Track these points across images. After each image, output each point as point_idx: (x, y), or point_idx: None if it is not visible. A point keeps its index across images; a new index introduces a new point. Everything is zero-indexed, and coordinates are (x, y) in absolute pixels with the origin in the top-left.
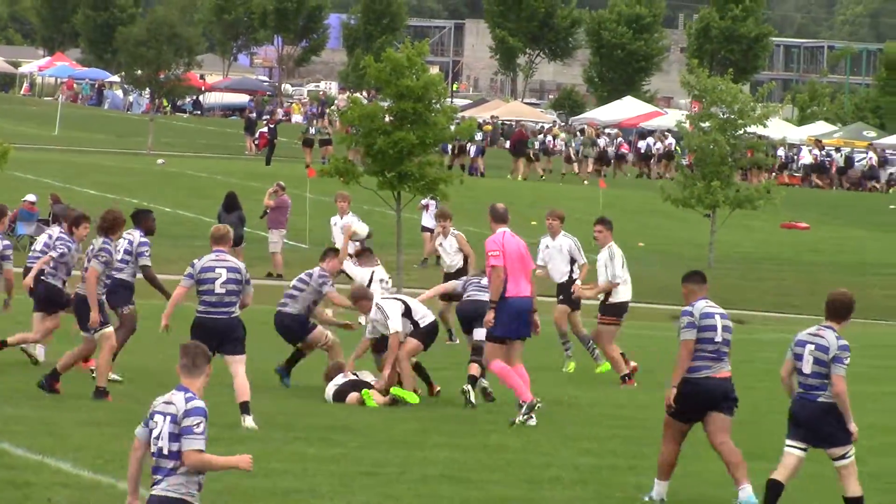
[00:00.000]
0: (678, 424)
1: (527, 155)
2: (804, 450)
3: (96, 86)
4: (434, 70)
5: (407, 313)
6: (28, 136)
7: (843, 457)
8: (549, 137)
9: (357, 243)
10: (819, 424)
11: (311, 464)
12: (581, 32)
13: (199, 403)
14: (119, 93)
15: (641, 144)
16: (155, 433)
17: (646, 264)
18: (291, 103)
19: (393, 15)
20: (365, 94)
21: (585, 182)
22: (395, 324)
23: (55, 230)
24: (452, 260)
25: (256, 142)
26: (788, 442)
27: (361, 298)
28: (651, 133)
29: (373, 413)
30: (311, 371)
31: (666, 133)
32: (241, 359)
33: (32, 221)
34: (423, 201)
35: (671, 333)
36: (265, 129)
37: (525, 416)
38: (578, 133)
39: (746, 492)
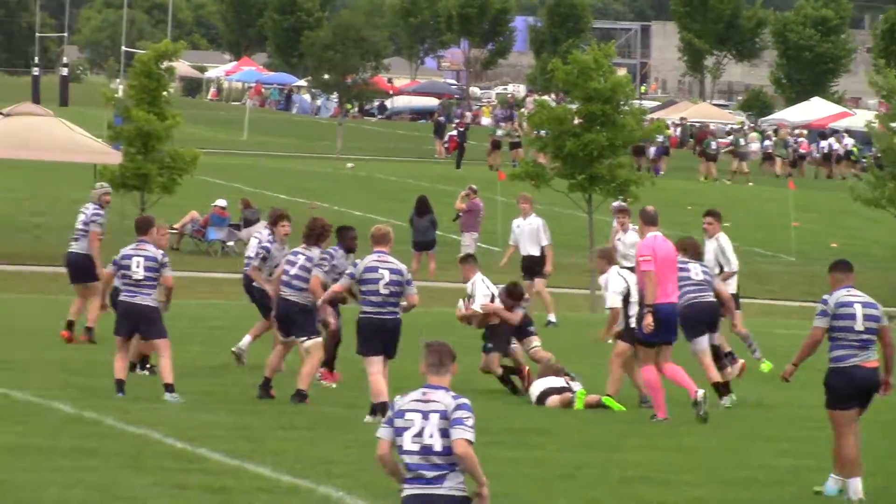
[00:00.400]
0: (842, 415)
1: (707, 155)
2: None
3: (285, 91)
4: (621, 72)
5: (624, 301)
6: (217, 141)
7: None
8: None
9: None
10: None
11: (509, 467)
12: (767, 33)
13: (467, 400)
14: (307, 97)
15: (823, 145)
16: (412, 431)
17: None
18: (480, 106)
19: (578, 17)
20: (553, 96)
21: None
22: (613, 299)
23: (264, 234)
24: (629, 252)
25: (446, 145)
26: None
27: (603, 258)
28: (834, 133)
29: (570, 416)
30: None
31: (843, 133)
32: (388, 362)
33: (223, 226)
34: (615, 204)
35: None
36: (454, 133)
37: (654, 421)
38: (773, 133)
39: (832, 484)
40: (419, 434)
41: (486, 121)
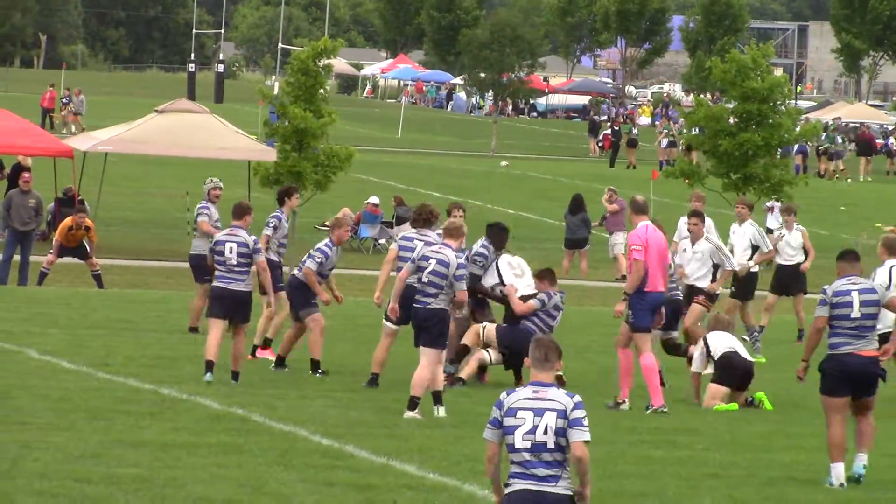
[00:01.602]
0: (831, 401)
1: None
2: None
3: (445, 88)
4: (778, 72)
5: None
6: (371, 139)
7: None
8: (892, 140)
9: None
10: None
11: (657, 466)
12: None
13: (580, 398)
14: (462, 95)
15: None
16: (523, 429)
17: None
18: (637, 105)
19: (734, 17)
20: (709, 95)
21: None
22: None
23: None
24: (791, 253)
25: (600, 144)
26: None
27: (885, 247)
28: None
29: (718, 416)
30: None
31: None
32: (431, 352)
33: (376, 224)
34: (768, 203)
35: None
36: (609, 132)
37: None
38: None
39: (861, 461)
40: (531, 432)
41: (645, 120)
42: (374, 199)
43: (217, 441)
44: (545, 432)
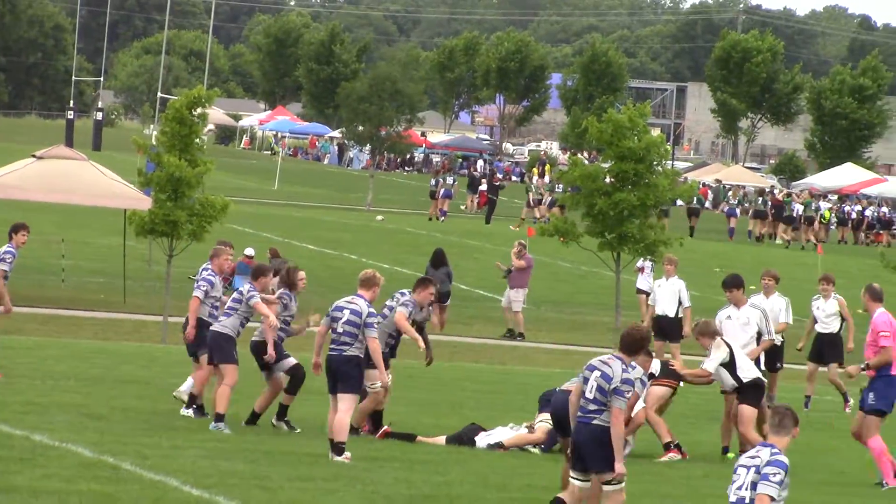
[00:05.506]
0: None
1: (784, 219)
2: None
3: (336, 143)
4: (655, 132)
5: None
6: (247, 190)
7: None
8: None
9: None
10: None
11: None
12: (802, 98)
13: (783, 458)
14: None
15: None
16: (736, 484)
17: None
18: (515, 163)
19: (613, 75)
20: (586, 154)
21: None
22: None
23: (246, 286)
24: (827, 322)
25: (476, 200)
26: None
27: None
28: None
29: None
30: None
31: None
32: (348, 398)
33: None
34: (639, 263)
35: None
36: (484, 188)
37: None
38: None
39: None
40: (740, 487)
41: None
42: (249, 251)
43: (88, 489)
44: (746, 487)
